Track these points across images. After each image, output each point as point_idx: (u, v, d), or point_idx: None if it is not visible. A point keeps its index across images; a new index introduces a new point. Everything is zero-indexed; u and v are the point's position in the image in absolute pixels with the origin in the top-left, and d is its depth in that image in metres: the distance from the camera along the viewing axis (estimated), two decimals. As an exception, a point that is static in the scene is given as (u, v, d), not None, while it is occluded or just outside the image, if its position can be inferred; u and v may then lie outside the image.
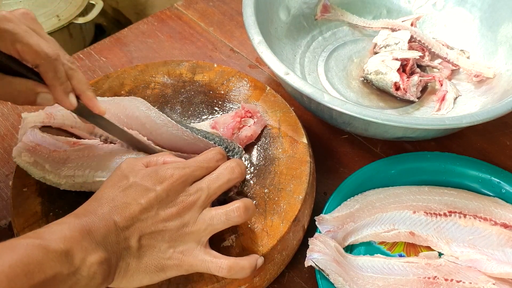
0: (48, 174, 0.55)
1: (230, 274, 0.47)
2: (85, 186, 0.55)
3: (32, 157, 0.55)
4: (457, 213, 0.61)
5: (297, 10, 0.85)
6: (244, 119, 0.62)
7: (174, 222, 0.46)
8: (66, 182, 0.54)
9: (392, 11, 0.88)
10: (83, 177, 0.54)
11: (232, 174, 0.49)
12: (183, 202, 0.46)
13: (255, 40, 0.67)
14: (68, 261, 0.40)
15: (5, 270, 0.36)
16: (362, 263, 0.57)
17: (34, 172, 0.55)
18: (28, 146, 0.56)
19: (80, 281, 0.41)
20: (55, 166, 0.55)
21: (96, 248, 0.42)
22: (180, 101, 0.66)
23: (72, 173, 0.55)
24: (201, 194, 0.47)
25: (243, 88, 0.68)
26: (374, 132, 0.66)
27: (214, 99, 0.67)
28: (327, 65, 0.81)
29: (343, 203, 0.61)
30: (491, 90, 0.73)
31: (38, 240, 0.39)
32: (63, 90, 0.49)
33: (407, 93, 0.74)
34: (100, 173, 0.54)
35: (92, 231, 0.42)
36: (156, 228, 0.45)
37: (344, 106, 0.59)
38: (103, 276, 0.42)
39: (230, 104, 0.66)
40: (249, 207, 0.48)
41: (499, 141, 0.74)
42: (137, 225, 0.45)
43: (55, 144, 0.57)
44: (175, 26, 0.90)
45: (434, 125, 0.59)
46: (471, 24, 0.83)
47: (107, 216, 0.44)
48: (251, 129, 0.61)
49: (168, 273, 0.47)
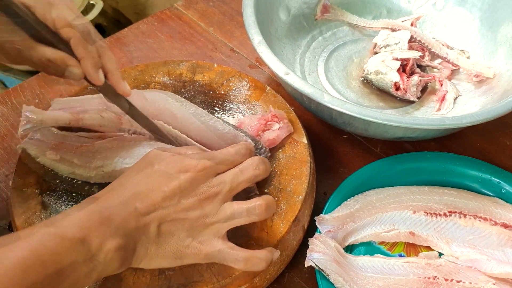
0: (78, 168, 0.55)
1: (246, 267, 0.47)
2: (114, 174, 0.55)
3: (58, 154, 0.55)
4: (457, 213, 0.61)
5: (297, 10, 0.85)
6: (270, 122, 0.62)
7: (195, 212, 0.46)
8: (97, 174, 0.55)
9: (392, 11, 0.88)
10: (112, 165, 0.54)
11: (256, 170, 0.49)
12: (205, 193, 0.46)
13: (255, 40, 0.67)
14: (85, 248, 0.40)
15: (20, 260, 0.36)
16: (362, 263, 0.57)
17: (63, 169, 0.55)
18: (50, 145, 0.56)
19: (97, 266, 0.41)
20: (84, 160, 0.55)
21: (114, 234, 0.42)
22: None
23: (101, 163, 0.55)
24: (223, 186, 0.47)
25: (243, 88, 0.68)
26: (374, 132, 0.66)
27: (214, 99, 0.67)
28: (327, 65, 0.81)
29: (343, 203, 0.61)
30: (491, 90, 0.73)
31: (54, 229, 0.40)
32: (93, 64, 0.49)
33: (407, 93, 0.74)
34: (128, 160, 0.54)
35: (111, 216, 0.42)
36: (177, 216, 0.45)
37: (344, 106, 0.59)
38: (120, 262, 0.42)
39: (230, 104, 0.66)
40: (271, 206, 0.48)
41: (499, 141, 0.74)
42: (158, 212, 0.45)
43: (80, 140, 0.57)
44: (175, 26, 0.90)
45: (434, 125, 0.59)
46: (471, 24, 0.82)
47: (128, 201, 0.44)
48: (275, 133, 0.61)
49: (186, 261, 0.47)
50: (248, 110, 0.65)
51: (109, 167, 0.55)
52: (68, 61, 0.49)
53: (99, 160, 0.55)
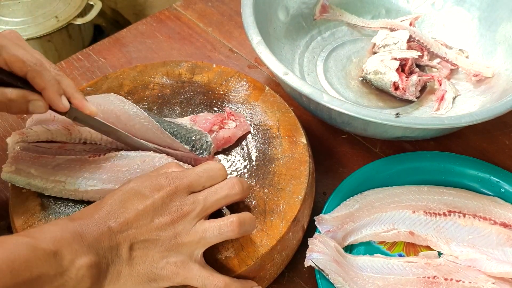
0: (34, 178, 0.54)
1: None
2: (76, 194, 0.54)
3: (13, 165, 0.54)
4: (457, 212, 0.61)
5: (296, 10, 0.85)
6: (226, 120, 0.62)
7: (167, 232, 0.45)
8: (54, 187, 0.54)
9: (391, 11, 0.88)
10: (76, 184, 0.54)
11: (231, 190, 0.48)
12: (177, 212, 0.46)
13: (254, 40, 0.67)
14: (57, 262, 0.40)
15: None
16: (361, 263, 0.57)
17: (18, 180, 0.54)
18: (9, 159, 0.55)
19: (68, 282, 0.41)
20: (42, 171, 0.54)
21: (86, 252, 0.42)
22: (179, 102, 0.66)
23: (64, 179, 0.54)
24: (196, 205, 0.47)
25: (242, 88, 0.68)
26: (373, 132, 0.66)
27: (213, 99, 0.67)
28: (326, 65, 0.81)
29: (342, 203, 0.61)
30: (490, 89, 0.73)
31: (28, 239, 0.40)
32: (55, 92, 0.49)
33: (406, 93, 0.74)
34: (92, 181, 0.54)
35: (84, 234, 0.43)
36: (149, 236, 0.45)
37: (343, 106, 0.59)
38: (91, 280, 0.42)
39: (229, 105, 0.66)
40: (245, 222, 0.47)
41: (498, 140, 0.74)
42: (131, 232, 0.45)
43: (39, 150, 0.56)
44: (174, 26, 0.90)
45: (433, 125, 0.59)
46: (470, 24, 0.83)
47: (102, 220, 0.44)
48: (231, 131, 0.61)
49: (161, 284, 0.46)
50: (247, 110, 0.65)
51: (72, 186, 0.54)
52: (30, 96, 0.49)
53: (61, 175, 0.54)
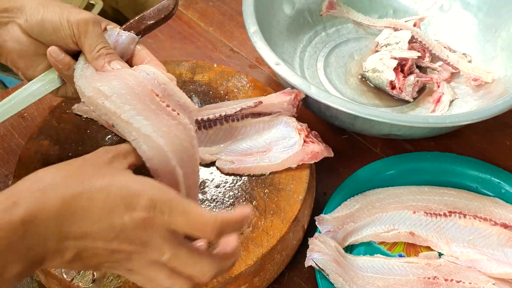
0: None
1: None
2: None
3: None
4: (457, 213, 0.61)
5: (302, 5, 0.85)
6: (311, 137, 0.60)
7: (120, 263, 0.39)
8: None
9: (399, 11, 0.88)
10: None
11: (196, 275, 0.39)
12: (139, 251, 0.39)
13: (250, 29, 0.68)
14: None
15: None
16: (362, 263, 0.57)
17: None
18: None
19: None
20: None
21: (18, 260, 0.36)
22: (180, 101, 0.66)
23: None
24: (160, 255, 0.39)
25: (243, 88, 0.68)
26: (361, 127, 0.67)
27: (214, 99, 0.67)
28: (327, 61, 0.82)
29: (343, 203, 0.61)
30: (488, 94, 0.73)
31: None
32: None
33: (403, 93, 0.74)
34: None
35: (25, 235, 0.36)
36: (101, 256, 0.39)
37: (329, 99, 0.60)
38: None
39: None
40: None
41: (499, 141, 0.74)
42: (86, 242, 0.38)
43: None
44: (175, 26, 0.89)
45: (416, 123, 0.60)
46: (475, 28, 0.82)
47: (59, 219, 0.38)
48: (320, 148, 0.59)
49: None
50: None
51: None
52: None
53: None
